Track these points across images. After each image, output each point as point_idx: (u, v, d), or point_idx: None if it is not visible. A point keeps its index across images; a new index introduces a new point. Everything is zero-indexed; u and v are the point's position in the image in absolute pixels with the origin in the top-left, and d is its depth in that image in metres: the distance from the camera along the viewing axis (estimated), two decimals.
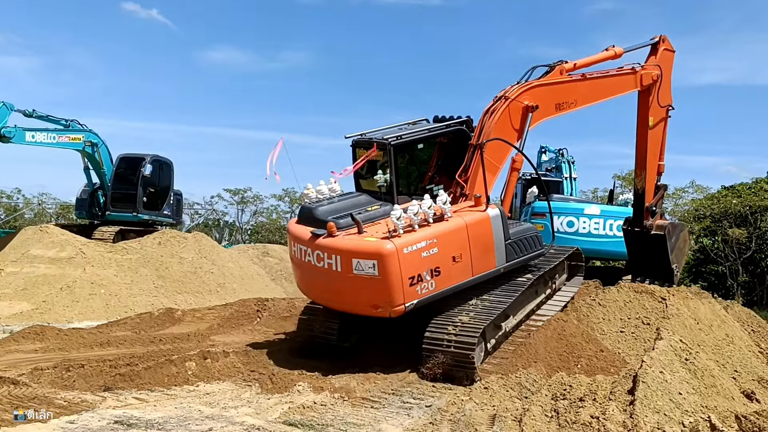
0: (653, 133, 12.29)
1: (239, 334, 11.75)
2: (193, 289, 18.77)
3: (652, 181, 12.65)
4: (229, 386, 8.19)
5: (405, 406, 7.33)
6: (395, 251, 8.52)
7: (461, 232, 9.21)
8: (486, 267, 9.48)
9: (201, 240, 21.63)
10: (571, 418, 6.43)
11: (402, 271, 8.56)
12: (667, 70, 12.32)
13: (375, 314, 9.07)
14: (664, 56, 12.34)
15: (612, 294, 10.85)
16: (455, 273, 9.12)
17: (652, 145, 12.37)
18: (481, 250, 9.37)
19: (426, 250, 8.81)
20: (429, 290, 8.86)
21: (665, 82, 12.26)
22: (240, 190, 47.56)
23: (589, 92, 11.58)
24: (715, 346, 9.81)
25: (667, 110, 12.48)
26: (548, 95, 10.95)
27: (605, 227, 14.35)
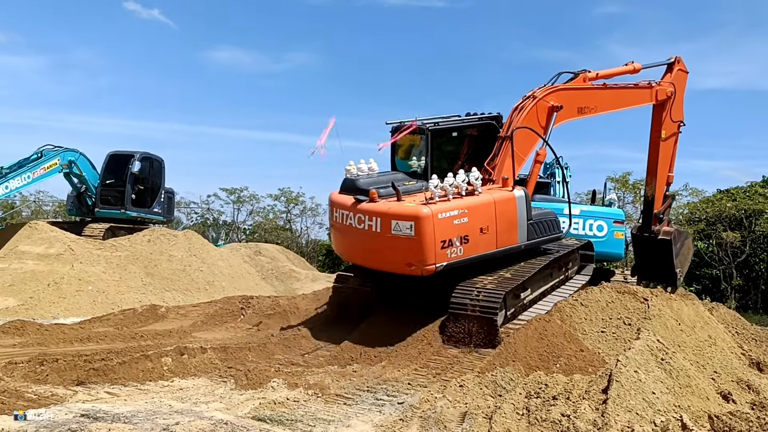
0: (665, 145, 13.24)
1: (221, 331, 11.72)
2: (181, 287, 18.73)
3: (662, 189, 13.54)
4: (204, 382, 8.15)
5: (378, 402, 7.29)
6: (431, 215, 9.55)
7: (489, 206, 10.24)
8: (509, 242, 10.50)
9: (191, 238, 21.60)
10: (541, 416, 6.38)
11: (436, 233, 9.59)
12: (680, 88, 13.29)
13: (408, 272, 9.95)
14: (678, 76, 13.31)
15: (595, 294, 10.79)
16: (482, 243, 10.12)
17: (663, 156, 13.29)
18: (506, 225, 10.40)
19: (458, 219, 9.87)
20: (457, 255, 9.85)
21: (678, 100, 13.27)
22: (236, 189, 47.60)
23: (609, 100, 12.59)
24: (697, 347, 9.75)
25: (678, 126, 13.44)
26: (572, 99, 11.99)
27: (584, 227, 14.34)
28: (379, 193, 10.16)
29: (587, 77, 12.26)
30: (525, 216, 10.65)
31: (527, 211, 10.70)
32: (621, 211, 17.24)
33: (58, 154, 20.57)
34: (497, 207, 10.32)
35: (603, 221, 14.59)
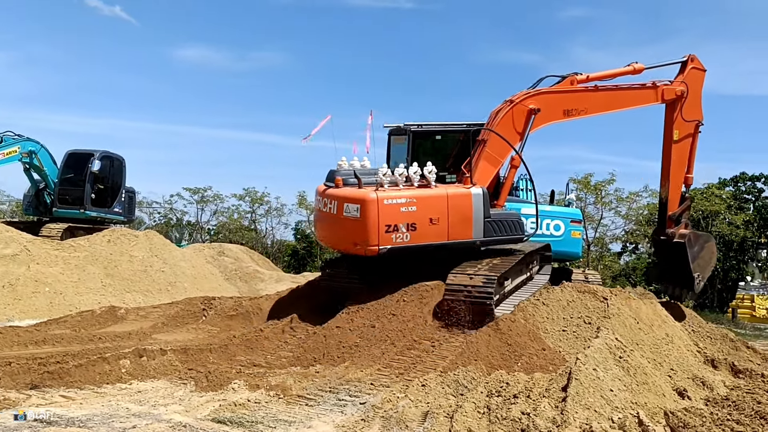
0: (679, 146, 13.00)
1: (182, 333, 11.54)
2: (142, 288, 18.41)
3: (676, 191, 13.26)
4: (164, 384, 8.02)
5: (340, 403, 7.25)
6: (376, 200, 10.42)
7: (441, 199, 10.87)
8: (462, 236, 11.01)
9: (153, 238, 21.23)
10: (502, 414, 6.43)
11: (380, 218, 10.42)
12: (695, 87, 12.99)
13: (354, 251, 10.90)
14: (692, 74, 13.01)
15: (556, 293, 10.94)
16: (431, 233, 10.76)
17: (677, 158, 13.04)
18: (459, 219, 10.91)
19: (405, 207, 10.63)
20: (403, 241, 10.63)
21: (692, 99, 12.92)
22: (200, 189, 47.00)
23: (603, 102, 12.59)
24: (654, 345, 9.94)
25: (696, 126, 13.12)
26: (555, 102, 12.21)
27: (542, 226, 14.48)
28: (346, 182, 10.96)
29: (575, 80, 12.31)
30: (481, 213, 11.06)
31: (484, 209, 11.08)
32: (578, 211, 17.48)
33: (19, 142, 20.03)
34: (450, 201, 10.88)
35: (560, 221, 14.77)
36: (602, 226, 38.55)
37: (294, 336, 10.43)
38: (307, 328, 10.62)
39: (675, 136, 12.82)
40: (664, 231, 13.53)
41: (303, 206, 46.51)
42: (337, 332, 10.13)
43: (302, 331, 10.58)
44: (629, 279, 41.47)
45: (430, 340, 9.72)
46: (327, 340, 9.94)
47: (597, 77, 12.54)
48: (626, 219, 38.40)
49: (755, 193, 41.34)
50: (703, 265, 13.20)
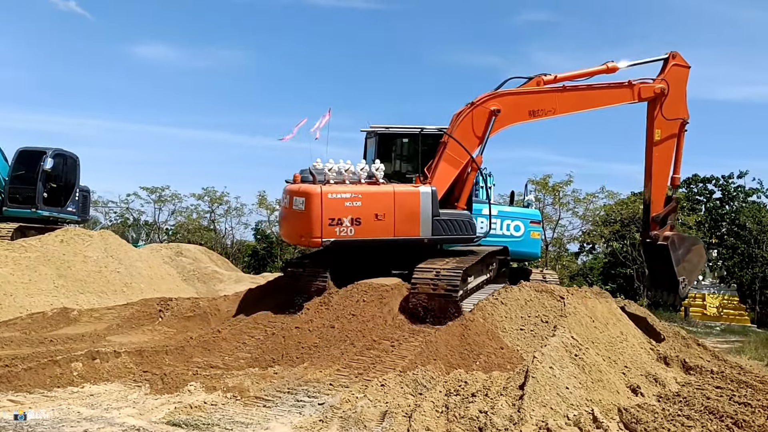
0: (662, 146, 12.47)
1: (137, 335, 11.31)
2: (96, 289, 17.95)
3: (659, 191, 12.65)
4: (117, 387, 7.85)
5: (298, 404, 7.21)
6: (320, 194, 10.93)
7: (387, 196, 11.25)
8: (409, 233, 11.36)
9: (108, 238, 20.72)
10: (460, 413, 6.48)
11: (323, 211, 10.91)
12: (677, 84, 12.48)
13: (301, 243, 11.66)
14: (673, 72, 12.52)
15: (514, 293, 11.06)
16: (377, 228, 11.17)
17: (660, 157, 12.49)
18: (406, 217, 11.28)
19: (350, 201, 11.05)
20: (347, 235, 11.07)
21: (674, 97, 12.41)
22: (157, 188, 46.14)
23: (572, 102, 12.43)
24: (609, 343, 10.12)
25: (681, 125, 12.53)
26: (519, 103, 12.24)
27: (502, 227, 14.68)
28: (305, 179, 11.38)
29: (542, 80, 12.27)
30: (429, 212, 11.38)
31: (432, 208, 11.39)
32: (537, 212, 17.76)
33: None
34: (397, 198, 11.27)
35: (520, 221, 14.98)
36: (560, 227, 39.12)
37: (252, 337, 10.32)
38: (266, 329, 10.52)
39: (656, 135, 12.33)
40: (647, 233, 12.98)
41: (263, 206, 46.03)
42: (296, 333, 10.07)
43: (261, 332, 10.48)
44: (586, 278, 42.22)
45: (390, 340, 9.74)
46: (286, 341, 9.86)
47: (566, 77, 12.41)
48: (583, 220, 39.03)
49: (706, 194, 42.49)
50: (689, 268, 12.55)
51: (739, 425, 6.70)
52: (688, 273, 12.45)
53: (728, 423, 6.76)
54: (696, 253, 12.60)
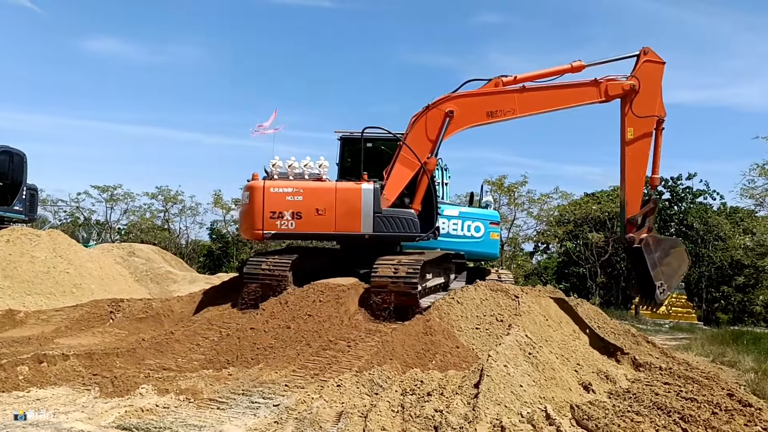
0: (635, 146, 11.73)
1: (87, 337, 11.03)
2: (44, 290, 17.44)
3: (634, 192, 11.84)
4: (65, 391, 7.64)
5: (252, 406, 7.12)
6: (262, 188, 11.60)
7: (328, 192, 11.70)
8: (350, 228, 11.73)
9: (57, 238, 20.15)
10: (415, 413, 6.49)
11: (265, 204, 11.54)
12: (649, 81, 11.80)
13: (246, 235, 12.14)
14: (645, 68, 11.89)
15: (470, 292, 11.15)
16: (317, 222, 11.63)
17: (634, 157, 11.73)
18: (347, 212, 11.68)
19: (291, 196, 11.58)
20: (288, 228, 11.65)
21: (646, 94, 11.77)
22: (109, 187, 45.13)
23: (534, 102, 12.05)
24: (562, 341, 10.30)
25: (657, 123, 11.75)
26: (476, 104, 12.06)
27: (463, 228, 14.79)
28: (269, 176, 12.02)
29: (500, 82, 12.06)
30: (371, 208, 11.72)
31: (374, 205, 11.71)
32: (496, 213, 17.97)
33: None
34: (338, 194, 11.72)
35: (480, 222, 15.13)
36: (515, 227, 39.68)
37: (206, 338, 10.17)
38: (221, 330, 10.39)
39: (628, 134, 11.67)
40: (624, 236, 12.10)
41: (219, 205, 45.46)
42: (251, 334, 9.96)
43: (215, 333, 10.34)
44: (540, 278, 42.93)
45: (346, 340, 9.71)
46: (241, 342, 9.75)
47: (527, 77, 12.09)
48: (538, 220, 39.69)
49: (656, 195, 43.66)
50: (668, 272, 11.56)
51: (686, 420, 6.88)
52: (667, 277, 11.49)
53: (675, 418, 6.94)
54: (676, 256, 11.68)
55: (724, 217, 37.97)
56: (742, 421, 7.00)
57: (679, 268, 11.58)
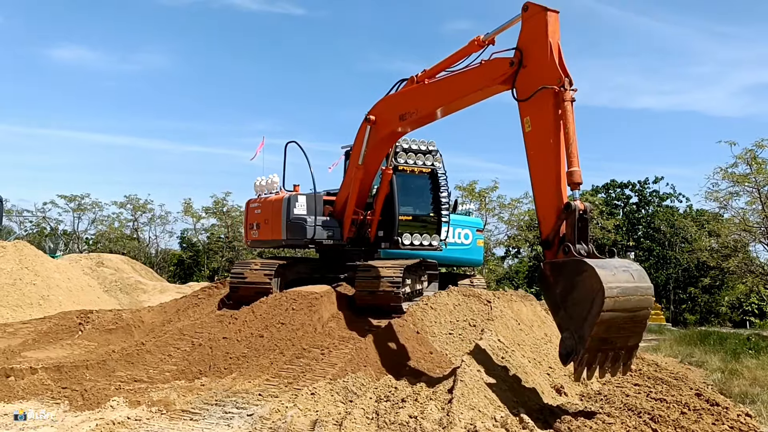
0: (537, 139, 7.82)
1: (56, 349, 10.82)
2: (11, 303, 17.10)
3: (546, 203, 7.72)
4: (34, 405, 7.49)
5: (226, 416, 7.08)
6: (247, 204, 13.82)
7: (272, 204, 12.79)
8: (276, 235, 12.67)
9: (23, 249, 19.79)
10: (390, 419, 6.51)
11: (247, 217, 13.75)
12: (535, 42, 7.91)
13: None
14: (528, 28, 8.05)
15: (443, 298, 11.21)
16: (266, 232, 12.94)
17: (537, 154, 7.83)
18: (274, 220, 12.69)
19: (258, 209, 13.30)
20: (255, 237, 13.35)
21: (533, 62, 7.92)
22: (76, 196, 44.35)
23: (432, 97, 9.64)
24: (534, 345, 10.41)
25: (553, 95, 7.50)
26: (389, 107, 10.55)
27: (453, 235, 14.56)
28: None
29: (414, 78, 10.05)
30: (286, 216, 12.39)
31: (288, 212, 12.37)
32: (480, 220, 18.15)
33: None
34: (273, 205, 12.74)
35: (468, 230, 15.17)
36: (486, 231, 39.95)
37: (178, 348, 10.05)
38: (193, 340, 10.28)
39: (526, 126, 7.92)
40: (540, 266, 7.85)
41: (189, 214, 44.97)
42: (224, 343, 9.88)
43: (187, 343, 10.22)
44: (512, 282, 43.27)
45: (320, 347, 9.69)
46: (213, 352, 9.66)
47: (433, 70, 9.74)
48: (509, 224, 39.99)
49: (624, 199, 44.42)
50: (575, 314, 6.80)
51: (655, 420, 7.01)
52: (573, 322, 6.81)
53: (645, 419, 7.07)
54: (584, 286, 6.70)
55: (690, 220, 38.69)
56: (710, 420, 7.17)
57: (593, 307, 6.48)
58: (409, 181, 12.69)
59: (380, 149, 11.14)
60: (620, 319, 6.50)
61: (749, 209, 26.76)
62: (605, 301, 6.30)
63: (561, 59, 7.64)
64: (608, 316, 6.38)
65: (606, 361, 6.79)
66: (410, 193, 12.80)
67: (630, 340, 6.81)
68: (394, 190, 12.35)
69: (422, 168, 12.76)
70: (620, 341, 6.73)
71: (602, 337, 6.51)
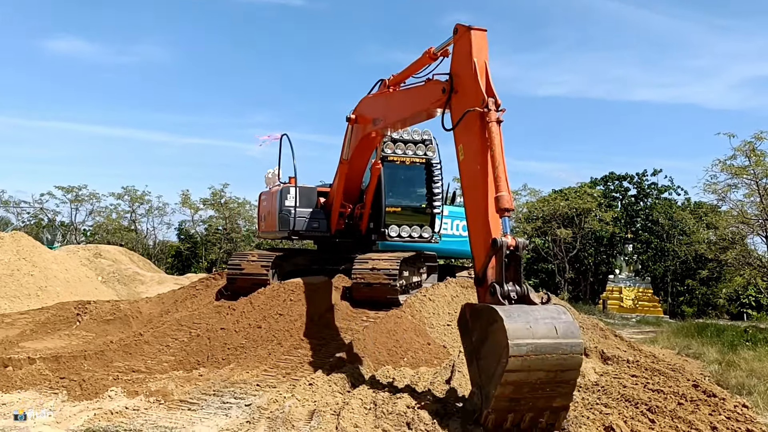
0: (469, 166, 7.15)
1: (54, 340, 10.84)
2: (8, 294, 17.09)
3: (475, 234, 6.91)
4: (32, 395, 7.53)
5: (224, 406, 7.08)
6: (259, 196, 14.38)
7: (272, 195, 13.08)
8: (273, 228, 12.95)
9: (20, 240, 19.77)
10: (388, 409, 6.51)
11: (259, 209, 14.35)
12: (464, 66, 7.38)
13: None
14: (458, 49, 7.60)
15: (441, 289, 11.22)
16: (270, 224, 13.16)
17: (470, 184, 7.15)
18: (272, 213, 12.92)
19: (265, 202, 13.78)
20: (263, 229, 13.82)
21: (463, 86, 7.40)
22: (74, 187, 44.25)
23: (394, 109, 9.43)
24: None
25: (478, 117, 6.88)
26: (366, 109, 10.26)
27: (452, 227, 14.51)
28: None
29: (386, 82, 9.67)
30: (278, 208, 12.67)
31: (280, 204, 12.61)
32: None
33: None
34: (272, 198, 13.02)
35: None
36: None
37: (176, 339, 10.06)
38: (191, 331, 10.29)
39: (460, 154, 7.30)
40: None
41: (187, 205, 44.93)
42: (222, 334, 9.89)
43: (185, 333, 10.23)
44: None
45: (318, 338, 9.70)
46: (211, 343, 9.68)
47: (399, 78, 9.37)
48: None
49: (622, 191, 44.41)
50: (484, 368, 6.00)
51: (653, 411, 7.01)
52: (484, 378, 5.97)
53: (643, 409, 7.07)
54: (494, 339, 5.79)
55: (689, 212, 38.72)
56: (707, 411, 7.17)
57: (497, 365, 5.65)
58: (400, 172, 12.58)
59: (364, 146, 11.02)
60: (533, 378, 5.58)
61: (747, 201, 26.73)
62: (509, 360, 5.42)
63: (488, 79, 7.08)
64: (514, 377, 5.51)
65: (522, 422, 5.81)
66: (401, 184, 12.69)
67: (554, 402, 5.81)
68: (381, 181, 12.31)
69: (414, 158, 12.62)
70: (540, 402, 5.76)
71: (511, 397, 5.66)
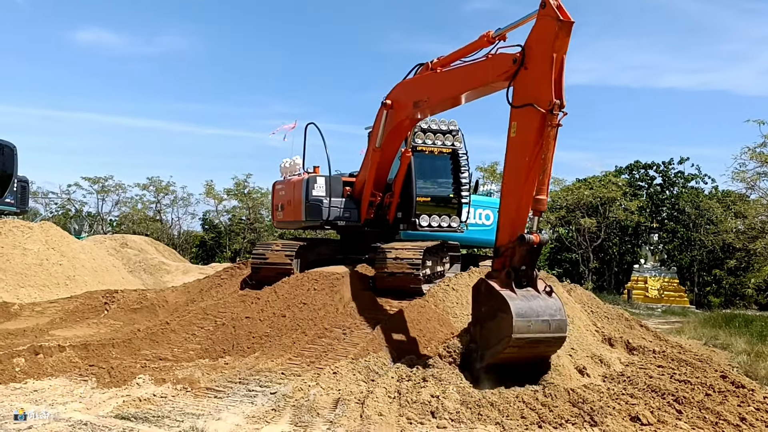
0: (517, 149, 7.72)
1: (82, 328, 11.04)
2: (38, 283, 17.38)
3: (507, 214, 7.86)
4: (62, 382, 7.67)
5: (250, 394, 7.16)
6: (273, 185, 14.23)
7: (294, 185, 12.95)
8: (297, 216, 12.79)
9: (49, 230, 20.07)
10: (412, 398, 6.54)
11: (274, 198, 14.21)
12: (540, 48, 7.42)
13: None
14: (539, 28, 7.49)
15: (464, 279, 11.17)
16: (289, 213, 13.12)
17: (512, 164, 7.80)
18: (295, 201, 12.80)
19: (282, 191, 13.58)
20: (281, 218, 13.63)
21: (533, 69, 7.48)
22: (100, 178, 44.82)
23: (442, 87, 9.63)
24: None
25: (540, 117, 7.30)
26: (404, 92, 10.54)
27: (475, 216, 14.47)
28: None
29: (429, 65, 9.87)
30: (305, 197, 12.51)
31: (307, 193, 12.46)
32: None
33: None
34: (295, 186, 12.89)
35: (490, 210, 15.03)
36: None
37: (202, 328, 10.18)
38: (216, 320, 10.40)
39: (512, 131, 7.73)
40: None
41: (211, 195, 45.28)
42: (246, 323, 9.98)
43: (210, 322, 10.35)
44: None
45: (342, 327, 9.74)
46: (236, 331, 9.77)
47: (448, 59, 9.54)
48: None
49: (648, 180, 43.79)
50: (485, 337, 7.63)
51: (679, 402, 6.95)
52: (483, 344, 7.63)
53: (669, 400, 7.01)
54: (499, 324, 7.32)
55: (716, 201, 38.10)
56: (735, 402, 7.09)
57: (498, 343, 7.31)
58: (428, 162, 12.58)
59: (397, 133, 11.11)
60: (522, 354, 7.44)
61: None
62: (508, 348, 7.21)
63: (560, 77, 7.35)
64: (508, 354, 7.34)
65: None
66: (429, 174, 12.72)
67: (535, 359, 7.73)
68: (411, 171, 12.26)
69: (442, 148, 12.64)
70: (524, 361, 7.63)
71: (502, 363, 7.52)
